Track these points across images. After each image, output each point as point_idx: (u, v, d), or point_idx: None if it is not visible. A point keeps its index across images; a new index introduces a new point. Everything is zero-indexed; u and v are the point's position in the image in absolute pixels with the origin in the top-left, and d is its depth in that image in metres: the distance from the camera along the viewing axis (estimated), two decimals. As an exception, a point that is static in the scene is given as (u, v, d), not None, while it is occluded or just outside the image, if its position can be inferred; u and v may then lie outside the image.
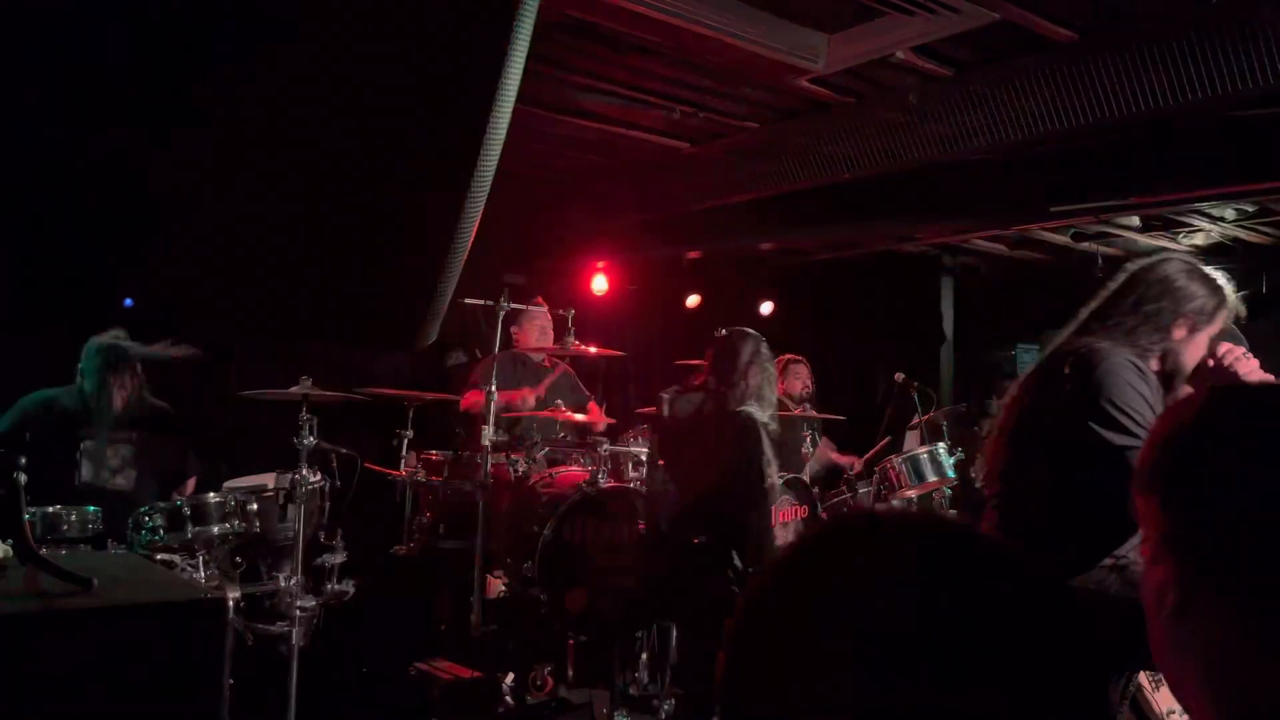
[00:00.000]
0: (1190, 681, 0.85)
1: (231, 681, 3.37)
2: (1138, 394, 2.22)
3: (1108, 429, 2.19)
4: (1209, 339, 2.40)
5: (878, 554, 0.65)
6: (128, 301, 0.94)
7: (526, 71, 1.17)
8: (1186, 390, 2.42)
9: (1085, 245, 6.38)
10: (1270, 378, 2.35)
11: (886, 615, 0.61)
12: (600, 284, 6.63)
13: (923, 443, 5.53)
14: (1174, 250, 6.29)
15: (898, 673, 0.59)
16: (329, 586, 3.91)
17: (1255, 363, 2.36)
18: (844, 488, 5.53)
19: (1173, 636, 0.86)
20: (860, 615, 0.61)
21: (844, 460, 6.06)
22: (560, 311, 4.77)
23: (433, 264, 1.06)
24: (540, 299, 5.20)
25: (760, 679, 0.64)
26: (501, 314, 4.42)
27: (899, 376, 6.04)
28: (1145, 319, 2.36)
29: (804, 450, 5.43)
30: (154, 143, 1.01)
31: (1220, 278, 2.42)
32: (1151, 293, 2.39)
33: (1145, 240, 6.16)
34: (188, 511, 3.57)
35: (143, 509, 3.60)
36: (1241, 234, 6.03)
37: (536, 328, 5.20)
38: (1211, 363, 2.36)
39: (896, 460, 5.23)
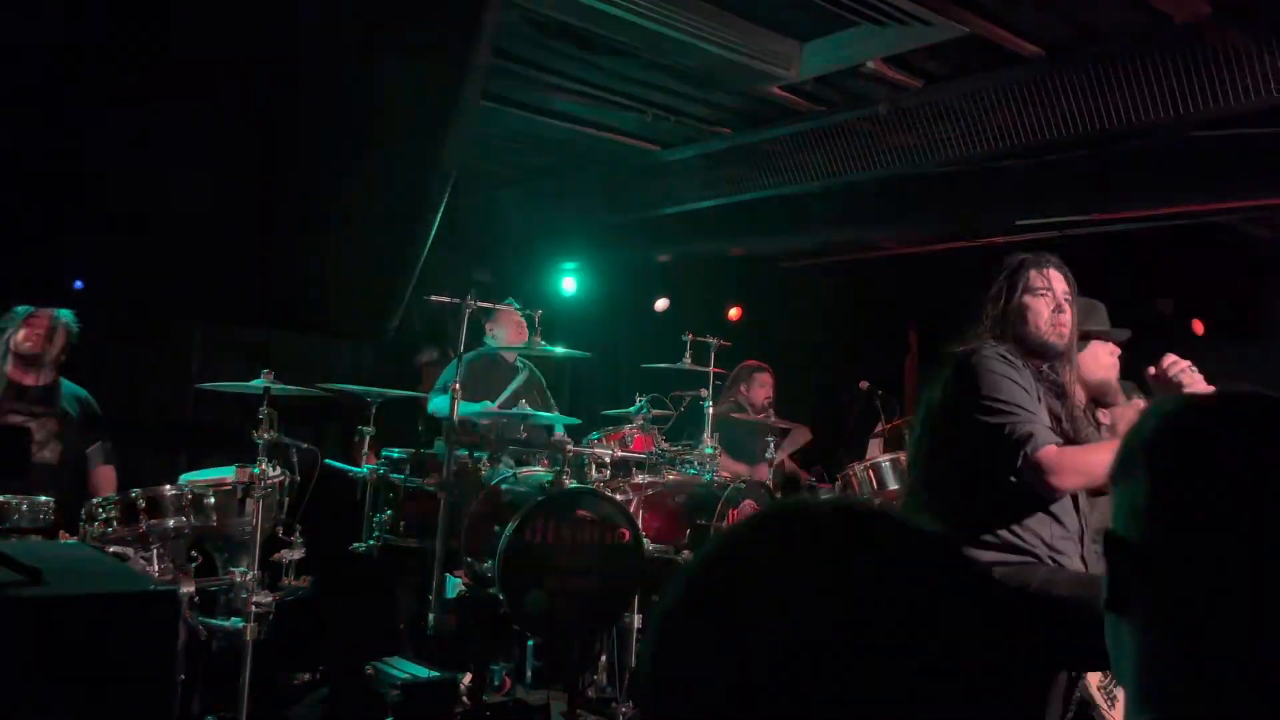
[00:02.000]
0: (1125, 674, 0.87)
1: (184, 676, 3.34)
2: (1008, 380, 2.38)
3: (987, 415, 2.35)
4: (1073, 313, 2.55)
5: (803, 543, 0.65)
6: (78, 284, 0.92)
7: (499, 69, 1.17)
8: (1105, 359, 2.62)
9: (1049, 260, 6.46)
10: (1210, 389, 2.43)
11: (809, 605, 0.60)
12: (569, 284, 6.62)
13: (886, 450, 5.58)
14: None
15: (819, 663, 0.58)
16: (286, 582, 3.87)
17: (1200, 377, 2.47)
18: (806, 493, 5.56)
19: (1114, 629, 0.88)
20: (782, 605, 0.61)
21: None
22: (527, 311, 4.76)
23: (395, 254, 1.05)
24: (510, 300, 5.17)
25: (680, 670, 0.63)
26: (468, 311, 4.39)
27: (864, 384, 6.09)
28: (1007, 310, 2.53)
29: (767, 456, 5.46)
30: (118, 124, 1.00)
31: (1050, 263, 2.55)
32: (1006, 288, 2.54)
33: (1107, 256, 6.25)
34: (142, 504, 3.52)
35: (96, 500, 3.54)
36: (1200, 252, 6.14)
37: (512, 325, 5.18)
38: (1153, 371, 2.48)
39: (859, 467, 5.27)
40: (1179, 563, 0.82)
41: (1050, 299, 2.52)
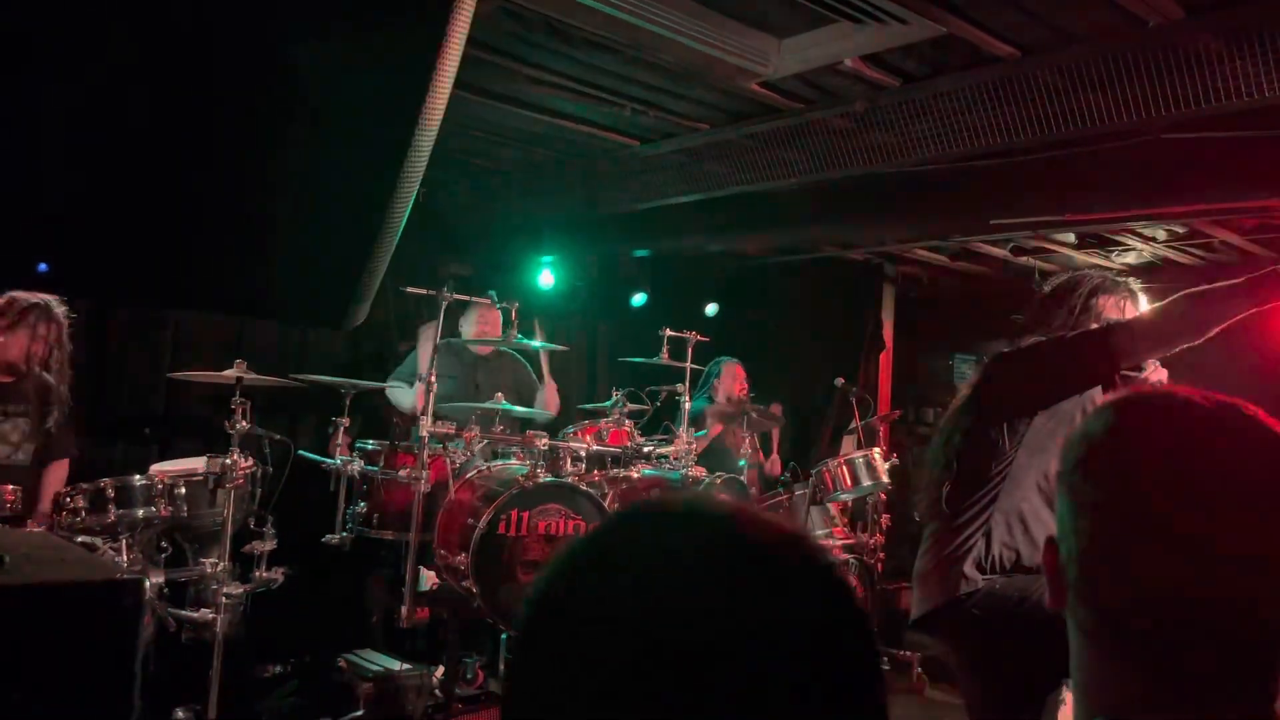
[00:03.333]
0: (1072, 672, 0.89)
1: (152, 668, 3.32)
2: None
3: (1063, 339, 2.41)
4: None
5: (650, 549, 0.63)
6: (42, 266, 0.91)
7: (475, 60, 1.16)
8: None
9: (1023, 260, 6.52)
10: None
11: (656, 613, 0.58)
12: (546, 278, 6.61)
13: (859, 448, 5.61)
14: (1107, 268, 6.46)
15: (664, 674, 0.56)
16: (257, 574, 3.85)
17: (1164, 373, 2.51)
18: (780, 490, 5.58)
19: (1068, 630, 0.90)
20: (640, 610, 0.59)
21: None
22: (504, 304, 4.75)
23: (364, 242, 1.05)
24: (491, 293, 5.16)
25: (539, 677, 0.62)
26: (444, 304, 4.37)
27: (839, 381, 6.12)
28: (1075, 329, 2.48)
29: (741, 452, 5.48)
30: (84, 110, 0.99)
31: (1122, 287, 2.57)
32: (1080, 307, 2.51)
33: (1080, 257, 6.31)
34: (111, 493, 3.49)
35: (64, 489, 3.51)
36: (1172, 254, 6.21)
37: (477, 325, 5.17)
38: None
39: (832, 464, 5.30)
40: (1093, 572, 0.84)
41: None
